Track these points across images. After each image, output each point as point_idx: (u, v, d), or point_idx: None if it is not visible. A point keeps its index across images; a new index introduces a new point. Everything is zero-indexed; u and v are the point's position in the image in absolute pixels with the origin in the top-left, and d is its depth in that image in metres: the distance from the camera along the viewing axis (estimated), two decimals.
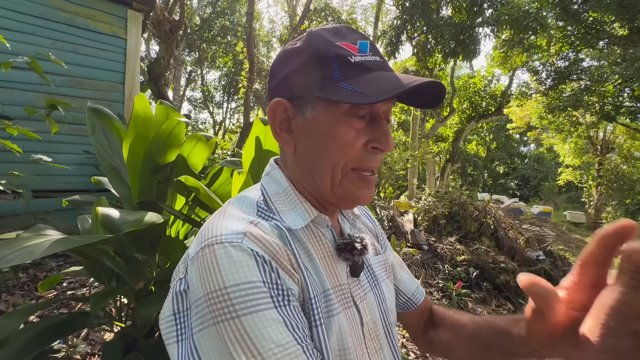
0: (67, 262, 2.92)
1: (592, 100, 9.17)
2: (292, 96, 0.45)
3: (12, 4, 3.22)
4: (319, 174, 0.45)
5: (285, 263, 0.38)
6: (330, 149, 0.43)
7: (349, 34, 0.44)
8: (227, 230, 0.38)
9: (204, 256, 0.36)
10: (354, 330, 0.45)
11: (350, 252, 0.47)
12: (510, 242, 5.15)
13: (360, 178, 0.44)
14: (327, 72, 0.41)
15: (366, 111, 0.43)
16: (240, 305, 0.33)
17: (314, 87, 0.42)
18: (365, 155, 0.44)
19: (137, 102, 1.19)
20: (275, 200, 0.47)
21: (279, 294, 0.36)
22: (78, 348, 1.83)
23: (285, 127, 0.46)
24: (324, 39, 0.43)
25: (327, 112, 0.43)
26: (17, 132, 1.76)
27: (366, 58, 0.42)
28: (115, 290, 1.01)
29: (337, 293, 0.45)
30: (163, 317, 0.40)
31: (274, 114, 0.46)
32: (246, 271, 0.35)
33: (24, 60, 1.57)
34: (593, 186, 13.98)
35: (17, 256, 0.73)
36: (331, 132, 0.42)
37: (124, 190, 1.28)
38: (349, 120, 0.42)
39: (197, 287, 0.36)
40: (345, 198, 0.45)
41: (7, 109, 3.20)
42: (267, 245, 0.38)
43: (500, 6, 7.52)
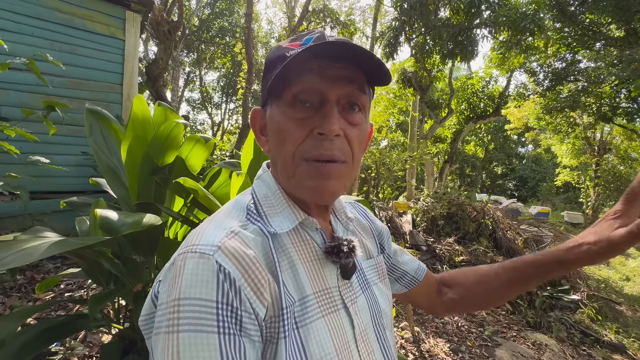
0: (65, 264, 2.91)
1: (589, 101, 9.22)
2: (262, 103, 0.49)
3: (8, 4, 3.20)
4: (280, 168, 0.46)
5: (257, 278, 0.38)
6: (279, 141, 0.44)
7: (304, 35, 0.45)
8: (205, 240, 0.38)
9: (177, 263, 0.37)
10: (337, 334, 0.44)
11: (337, 255, 0.47)
12: (509, 243, 5.17)
13: (312, 167, 0.43)
14: (272, 73, 0.44)
15: (315, 99, 0.43)
16: (185, 321, 0.33)
17: (266, 88, 0.46)
18: (313, 142, 0.42)
19: (136, 103, 1.19)
20: (264, 204, 0.47)
21: (229, 317, 0.34)
22: (75, 350, 1.82)
23: (264, 132, 0.50)
24: (275, 48, 0.47)
25: (276, 108, 0.45)
26: (14, 133, 1.75)
27: (304, 48, 0.42)
28: (113, 292, 1.01)
29: (319, 298, 0.44)
30: (142, 316, 0.41)
31: (253, 121, 0.51)
32: (203, 287, 0.34)
33: (22, 61, 1.57)
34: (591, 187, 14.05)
35: (15, 258, 0.73)
36: (279, 126, 0.44)
37: (122, 191, 1.28)
38: (292, 111, 0.43)
39: (163, 292, 0.37)
40: (301, 190, 0.45)
41: (4, 110, 3.19)
42: (239, 260, 0.37)
43: (497, 8, 7.56)
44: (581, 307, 4.10)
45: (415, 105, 11.12)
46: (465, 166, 20.79)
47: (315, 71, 0.42)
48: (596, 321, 4.01)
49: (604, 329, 3.91)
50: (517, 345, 3.03)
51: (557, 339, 3.41)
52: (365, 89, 0.45)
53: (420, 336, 2.89)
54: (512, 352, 2.87)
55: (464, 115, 12.77)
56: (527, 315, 3.81)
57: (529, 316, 3.79)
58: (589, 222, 13.65)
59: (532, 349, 3.08)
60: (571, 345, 3.39)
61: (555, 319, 3.75)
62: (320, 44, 0.40)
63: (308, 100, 0.43)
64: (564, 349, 3.23)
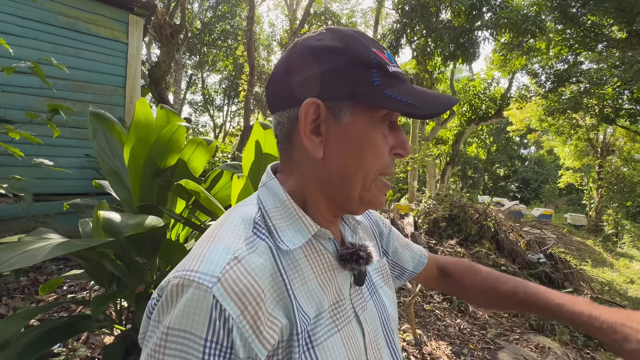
0: (68, 266, 2.92)
1: (591, 103, 9.19)
2: (326, 97, 0.41)
3: (14, 8, 3.25)
4: (351, 180, 0.43)
5: (256, 315, 0.35)
6: (366, 154, 0.42)
7: (373, 41, 0.44)
8: (205, 268, 0.35)
9: (173, 288, 0.35)
10: (352, 347, 0.44)
11: (357, 262, 0.47)
12: (511, 245, 5.14)
13: (383, 184, 0.46)
14: (368, 78, 0.40)
15: (392, 119, 0.45)
16: (170, 351, 0.33)
17: (356, 91, 0.40)
18: (389, 161, 0.45)
19: (138, 106, 1.20)
20: (273, 216, 0.44)
21: (217, 356, 0.33)
22: (78, 352, 1.83)
23: (315, 130, 0.42)
24: (362, 44, 0.41)
25: (365, 117, 0.42)
26: (18, 136, 1.77)
27: (397, 69, 0.43)
28: (116, 294, 1.02)
29: (333, 312, 0.44)
30: (141, 334, 0.40)
31: (306, 115, 0.42)
32: (194, 322, 0.33)
33: (27, 65, 1.59)
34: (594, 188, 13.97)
35: (20, 260, 0.74)
36: (368, 138, 0.42)
37: (124, 193, 1.29)
38: (382, 128, 0.43)
39: (157, 310, 0.36)
40: (370, 204, 0.46)
41: (9, 113, 3.22)
42: (239, 296, 0.35)
43: (499, 10, 7.57)
44: None
45: None
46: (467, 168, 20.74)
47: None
48: None
49: None
50: (520, 348, 3.01)
51: (560, 342, 3.39)
52: None
53: (422, 339, 2.88)
54: (515, 355, 2.85)
55: (465, 117, 12.76)
56: (530, 317, 3.79)
57: (531, 319, 3.76)
58: (592, 224, 13.58)
59: (535, 352, 3.05)
60: (574, 349, 3.36)
61: (558, 322, 3.72)
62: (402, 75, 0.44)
63: (390, 119, 0.44)
64: (567, 352, 3.21)
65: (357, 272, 0.48)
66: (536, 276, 4.63)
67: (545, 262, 4.96)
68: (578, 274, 4.99)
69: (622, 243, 11.67)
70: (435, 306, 3.67)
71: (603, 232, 12.80)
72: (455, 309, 3.69)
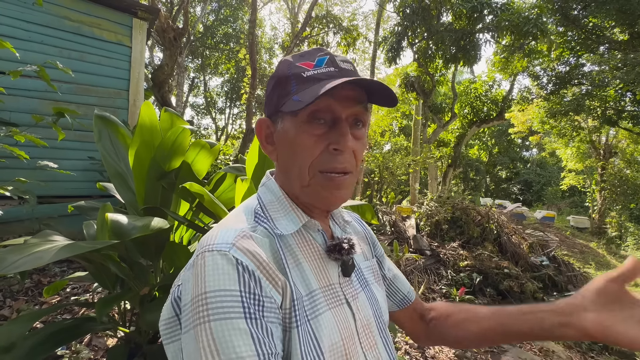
0: (71, 268, 2.93)
1: (593, 105, 9.17)
2: (270, 113, 0.52)
3: (19, 13, 3.28)
4: (292, 177, 0.50)
5: (270, 270, 0.41)
6: (295, 154, 0.48)
7: (313, 53, 0.50)
8: (220, 240, 0.42)
9: (197, 263, 0.40)
10: (343, 326, 0.48)
11: (339, 252, 0.52)
12: (514, 248, 5.11)
13: (327, 179, 0.48)
14: (287, 90, 0.48)
15: (328, 116, 0.48)
16: (214, 311, 0.36)
17: (279, 103, 0.49)
18: (328, 157, 0.47)
19: (143, 109, 1.21)
20: (270, 208, 0.51)
21: (253, 304, 0.38)
22: (81, 354, 1.83)
23: (270, 141, 0.53)
24: (287, 63, 0.50)
25: (291, 122, 0.48)
26: (24, 139, 1.79)
27: (319, 71, 0.47)
28: (120, 296, 1.02)
29: (325, 293, 0.48)
30: (162, 320, 0.45)
31: (259, 129, 0.54)
32: (226, 279, 0.38)
33: (33, 69, 1.60)
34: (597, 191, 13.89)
35: (27, 262, 0.74)
36: (295, 139, 0.48)
37: (129, 196, 1.30)
38: (309, 128, 0.47)
39: (188, 291, 0.40)
40: (315, 198, 0.49)
41: (14, 116, 3.25)
42: (253, 255, 0.41)
43: (500, 12, 7.58)
44: None
45: (418, 109, 11.13)
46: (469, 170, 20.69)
47: (329, 93, 0.45)
48: None
49: None
50: (523, 352, 2.99)
51: (564, 345, 3.36)
52: (367, 107, 0.51)
53: None
54: (519, 358, 2.83)
55: (467, 119, 12.75)
56: None
57: None
58: (595, 226, 13.49)
59: (539, 355, 3.03)
60: (579, 352, 3.33)
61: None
62: (334, 71, 0.47)
63: (323, 117, 0.48)
64: (571, 356, 3.18)
65: (340, 262, 0.53)
66: (539, 279, 4.60)
67: (549, 265, 4.92)
68: (582, 276, 4.96)
69: (626, 246, 11.58)
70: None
71: (606, 235, 12.71)
72: None
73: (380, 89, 0.48)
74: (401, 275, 0.72)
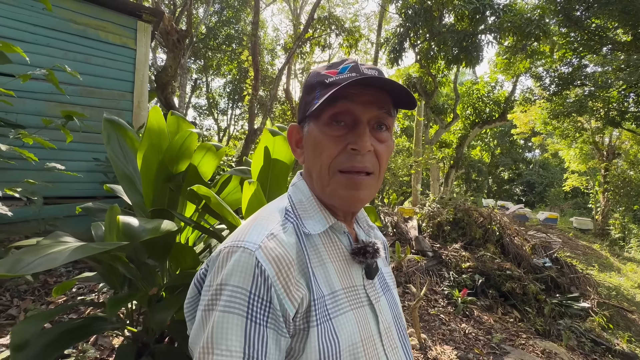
0: (76, 268, 2.97)
1: (596, 106, 9.14)
2: (300, 120, 0.57)
3: (26, 16, 3.33)
4: (314, 178, 0.53)
5: (287, 278, 0.43)
6: (316, 155, 0.51)
7: (340, 62, 0.53)
8: (249, 238, 0.45)
9: (224, 254, 0.44)
10: (364, 327, 0.50)
11: (364, 255, 0.54)
12: (516, 249, 5.11)
13: (346, 178, 0.50)
14: (312, 96, 0.52)
15: (348, 119, 0.50)
16: (222, 302, 0.40)
17: (306, 110, 0.53)
18: (347, 156, 0.49)
19: (152, 114, 1.24)
20: (299, 208, 0.54)
21: (259, 307, 0.40)
22: (87, 353, 1.86)
23: (299, 145, 0.57)
24: (314, 73, 0.54)
25: (314, 126, 0.52)
26: (32, 141, 1.82)
27: (340, 77, 0.50)
28: (130, 296, 1.04)
29: (347, 294, 0.50)
30: (186, 299, 0.50)
31: (290, 136, 0.58)
32: (242, 277, 0.41)
33: (42, 72, 1.64)
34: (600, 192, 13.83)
35: (42, 263, 0.77)
36: (317, 141, 0.51)
37: (136, 198, 1.32)
38: (329, 129, 0.50)
39: (210, 276, 0.44)
40: (334, 198, 0.51)
41: (20, 118, 3.29)
42: (275, 260, 0.43)
43: (502, 14, 7.58)
44: (591, 315, 4.03)
45: (420, 110, 11.13)
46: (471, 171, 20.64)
47: (349, 97, 0.49)
48: (607, 330, 3.93)
49: (616, 337, 3.83)
50: (526, 354, 2.99)
51: (567, 347, 3.36)
52: (391, 112, 0.53)
53: (427, 343, 2.87)
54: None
55: (469, 120, 12.73)
56: (536, 322, 3.76)
57: (537, 324, 3.73)
58: (599, 228, 13.42)
59: (541, 357, 3.03)
60: (582, 354, 3.33)
61: (564, 327, 3.69)
62: (355, 76, 0.49)
63: (343, 120, 0.50)
64: (574, 358, 3.18)
65: (365, 265, 0.55)
66: (542, 281, 4.59)
67: (551, 267, 4.92)
68: (584, 278, 4.94)
69: (630, 247, 11.52)
70: (440, 310, 3.66)
71: (610, 236, 12.64)
72: (460, 313, 3.68)
73: (399, 91, 0.49)
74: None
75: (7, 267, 0.75)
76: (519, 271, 4.51)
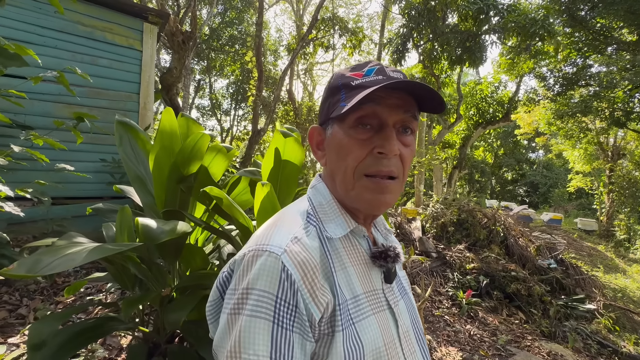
0: (84, 268, 2.99)
1: (601, 106, 9.08)
2: (321, 122, 0.56)
3: (35, 19, 3.37)
4: (338, 181, 0.52)
5: (313, 282, 0.43)
6: (341, 158, 0.51)
7: (365, 65, 0.53)
8: (274, 241, 0.45)
9: (249, 258, 0.44)
10: (386, 331, 0.50)
11: (385, 260, 0.53)
12: (521, 250, 5.09)
13: (372, 182, 0.49)
14: (337, 98, 0.51)
15: (374, 122, 0.49)
16: (249, 306, 0.40)
17: (329, 112, 0.53)
18: (373, 160, 0.49)
19: (164, 116, 1.25)
20: (320, 211, 0.54)
21: (285, 311, 0.40)
22: (97, 353, 1.87)
23: (320, 147, 0.57)
24: (339, 75, 0.54)
25: (338, 128, 0.51)
26: (42, 142, 1.84)
27: (367, 79, 0.49)
28: (144, 297, 1.06)
29: (369, 298, 0.50)
30: (209, 302, 0.50)
31: (311, 137, 0.58)
32: (268, 282, 0.41)
33: (53, 74, 1.66)
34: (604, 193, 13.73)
35: (60, 263, 0.78)
36: (342, 144, 0.50)
37: (148, 199, 1.34)
38: (354, 132, 0.50)
39: (235, 280, 0.44)
40: (359, 202, 0.51)
41: (29, 119, 3.33)
42: (301, 265, 0.43)
43: (506, 14, 7.55)
44: (597, 317, 4.01)
45: None
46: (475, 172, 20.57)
47: (376, 100, 0.48)
48: (614, 332, 3.91)
49: (622, 339, 3.81)
50: (531, 356, 2.98)
51: (573, 349, 3.34)
52: (416, 116, 0.52)
53: (431, 344, 2.87)
54: None
55: (472, 121, 12.69)
56: (542, 324, 3.74)
57: (543, 325, 3.72)
58: (603, 229, 13.32)
59: (547, 359, 3.02)
60: (588, 357, 3.31)
61: (570, 329, 3.67)
62: (383, 79, 0.49)
63: (369, 123, 0.50)
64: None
65: (385, 269, 0.55)
66: (547, 282, 4.57)
67: (556, 268, 4.89)
68: (590, 280, 4.91)
69: (635, 249, 11.42)
70: (445, 312, 3.65)
71: (615, 238, 12.54)
72: (465, 314, 3.67)
73: (427, 94, 0.49)
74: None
75: (27, 268, 0.77)
76: (524, 272, 4.49)
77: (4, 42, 1.26)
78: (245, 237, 1.24)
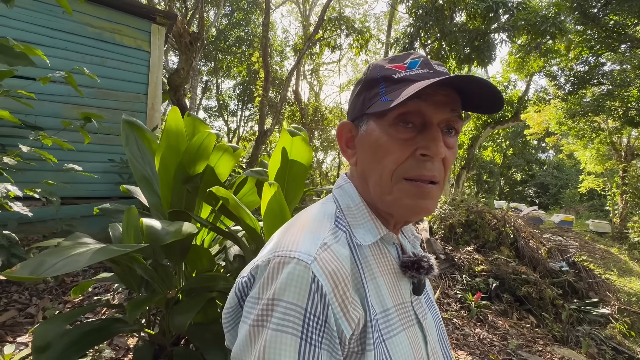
0: (92, 268, 3.01)
1: (614, 105, 8.87)
2: (354, 117, 0.51)
3: (45, 21, 3.41)
4: (372, 183, 0.47)
5: (344, 295, 0.39)
6: (377, 158, 0.46)
7: (405, 56, 0.47)
8: (302, 248, 0.40)
9: (275, 264, 0.39)
10: (416, 348, 0.46)
11: (417, 271, 0.49)
12: (531, 252, 4.98)
13: (413, 186, 0.44)
14: (375, 92, 0.46)
15: (417, 120, 0.44)
16: (275, 320, 0.36)
17: (365, 106, 0.47)
18: (416, 163, 0.44)
19: (171, 115, 1.24)
20: (348, 214, 0.49)
21: (314, 326, 0.37)
22: (103, 353, 1.87)
23: (350, 145, 0.52)
24: (377, 66, 0.48)
25: (376, 125, 0.46)
26: (51, 142, 1.85)
27: (412, 72, 0.44)
28: (150, 299, 1.04)
29: (399, 311, 0.46)
30: (225, 309, 0.46)
31: (340, 134, 0.52)
32: (297, 293, 0.37)
33: (62, 75, 1.66)
34: (618, 194, 13.42)
35: (65, 265, 0.77)
36: (378, 143, 0.45)
37: (154, 199, 1.33)
38: (395, 131, 0.44)
39: (257, 287, 0.40)
40: (397, 207, 0.46)
41: (38, 120, 3.37)
42: (332, 275, 0.39)
43: (516, 12, 7.43)
44: (612, 321, 3.90)
45: None
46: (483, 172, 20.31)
47: (422, 96, 0.43)
48: (629, 337, 3.79)
49: (638, 345, 3.69)
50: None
51: (586, 355, 3.25)
52: (461, 115, 0.47)
53: None
54: None
55: (481, 121, 12.52)
56: (554, 329, 3.65)
57: (555, 330, 3.62)
58: (617, 231, 13.01)
59: None
60: None
61: (584, 334, 3.57)
62: (429, 72, 0.44)
63: (411, 121, 0.44)
64: None
65: (416, 281, 0.50)
66: (559, 285, 4.46)
67: (568, 271, 4.77)
68: (603, 283, 4.78)
69: None
70: (453, 314, 3.58)
71: (629, 240, 12.22)
72: (474, 317, 3.59)
73: (483, 91, 0.43)
74: None
75: (30, 270, 0.75)
76: (535, 275, 4.39)
77: (12, 43, 1.26)
78: (252, 238, 1.22)
